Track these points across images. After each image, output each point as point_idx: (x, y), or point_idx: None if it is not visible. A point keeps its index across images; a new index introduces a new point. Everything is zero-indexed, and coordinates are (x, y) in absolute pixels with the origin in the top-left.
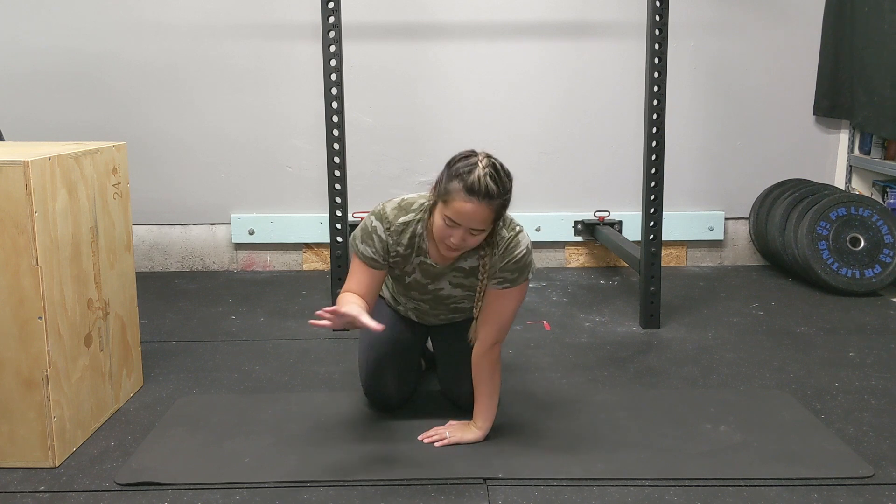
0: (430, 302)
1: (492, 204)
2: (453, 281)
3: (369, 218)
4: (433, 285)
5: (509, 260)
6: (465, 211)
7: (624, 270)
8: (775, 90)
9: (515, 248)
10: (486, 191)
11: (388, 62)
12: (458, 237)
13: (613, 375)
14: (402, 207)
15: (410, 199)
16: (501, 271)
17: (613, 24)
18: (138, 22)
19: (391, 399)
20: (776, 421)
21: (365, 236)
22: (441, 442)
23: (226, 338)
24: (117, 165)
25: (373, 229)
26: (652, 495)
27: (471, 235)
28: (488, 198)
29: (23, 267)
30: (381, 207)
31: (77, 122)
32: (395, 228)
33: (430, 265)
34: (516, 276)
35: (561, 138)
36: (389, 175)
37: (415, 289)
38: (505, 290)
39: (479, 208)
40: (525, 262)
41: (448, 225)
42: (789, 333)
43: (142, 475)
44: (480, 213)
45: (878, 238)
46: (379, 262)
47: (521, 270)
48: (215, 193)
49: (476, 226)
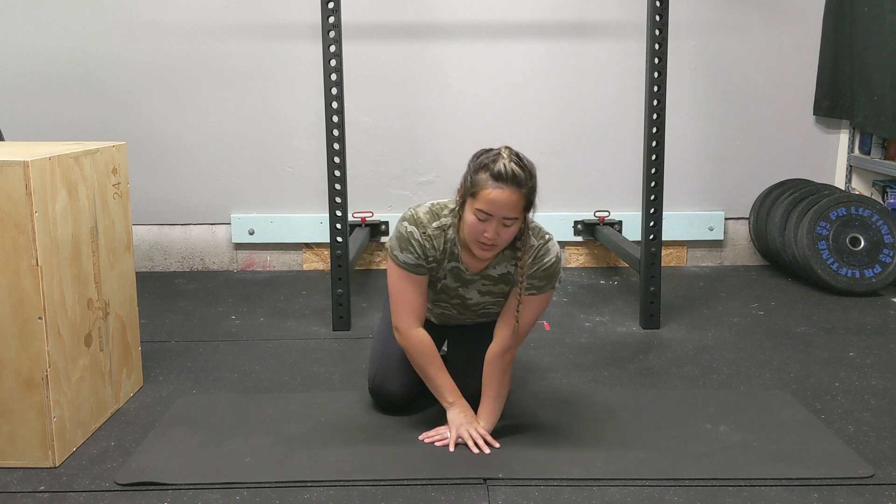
0: (457, 307)
1: (521, 189)
2: (482, 289)
3: (402, 224)
4: (463, 290)
5: (538, 267)
6: (496, 198)
7: (624, 270)
8: (775, 90)
9: (545, 255)
10: (514, 175)
11: (388, 62)
12: (491, 230)
13: (613, 375)
14: (435, 212)
15: (441, 204)
16: (529, 278)
17: (613, 24)
18: (138, 22)
19: (395, 398)
20: (776, 421)
21: (404, 244)
22: (441, 442)
23: (226, 338)
24: (117, 165)
25: (409, 234)
26: (652, 495)
27: (504, 227)
28: (516, 183)
29: (23, 267)
30: (412, 212)
31: (77, 122)
32: (431, 233)
33: (462, 270)
34: (543, 284)
35: (561, 138)
36: (389, 175)
37: (444, 293)
38: (530, 296)
39: (508, 194)
40: (553, 270)
41: (480, 219)
42: (789, 333)
43: (142, 475)
44: (511, 199)
45: (878, 238)
46: (423, 267)
47: (548, 279)
48: (215, 193)
49: (508, 213)
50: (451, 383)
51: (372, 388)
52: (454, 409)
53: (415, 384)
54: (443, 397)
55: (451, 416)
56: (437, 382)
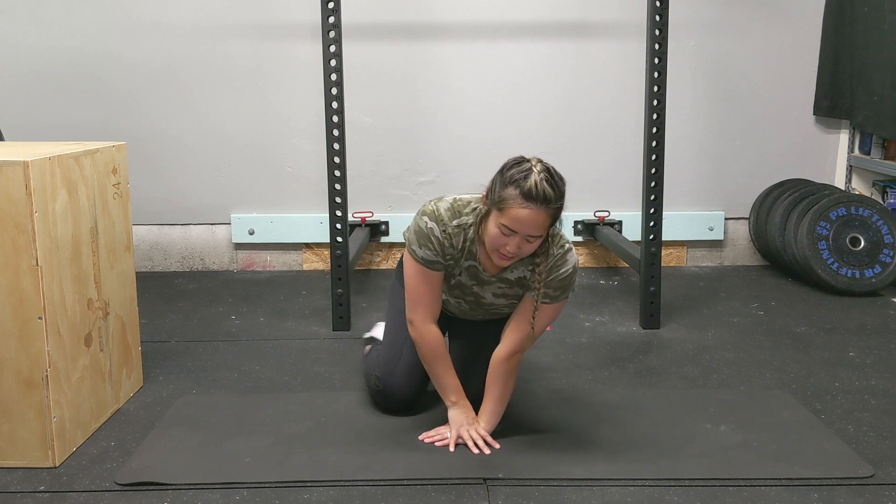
0: (470, 304)
1: (549, 209)
2: (497, 291)
3: (422, 219)
4: (478, 289)
5: (555, 277)
6: (523, 217)
7: (624, 270)
8: (775, 90)
9: (562, 265)
10: (544, 195)
11: (388, 62)
12: (513, 245)
13: (613, 375)
14: (456, 209)
15: (463, 200)
16: (545, 286)
17: (613, 24)
18: (138, 22)
19: (398, 392)
20: (776, 421)
21: (423, 239)
22: (441, 442)
23: (226, 338)
24: (117, 165)
25: (430, 230)
26: (652, 495)
27: (527, 243)
28: (546, 203)
29: (23, 267)
30: (433, 207)
31: (77, 122)
32: (451, 231)
33: (479, 270)
34: (558, 294)
35: (561, 138)
36: (389, 175)
37: (458, 289)
38: (544, 304)
39: (536, 214)
40: (569, 280)
41: (504, 233)
42: (789, 333)
43: (142, 475)
44: (538, 219)
45: (878, 238)
46: (441, 264)
47: (563, 288)
48: (215, 193)
49: (533, 232)
50: (457, 383)
51: (376, 389)
52: (456, 409)
53: (420, 387)
54: (446, 396)
55: (452, 415)
56: (442, 381)
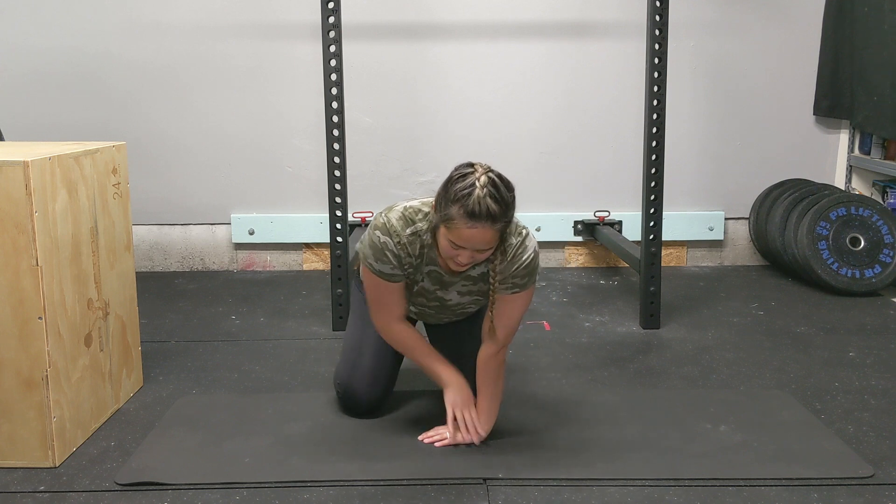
0: (435, 308)
1: (496, 224)
2: (462, 290)
3: (374, 234)
4: (441, 292)
5: (518, 266)
6: (469, 237)
7: (624, 270)
8: (775, 90)
9: (523, 253)
10: (488, 212)
11: (388, 62)
12: (465, 257)
13: (613, 375)
14: (408, 217)
15: (414, 207)
16: (511, 277)
17: (613, 24)
18: (138, 22)
19: (361, 397)
20: (776, 421)
21: (378, 254)
22: (441, 442)
23: (226, 338)
24: (117, 165)
25: (384, 245)
26: (652, 495)
27: (479, 253)
28: (491, 220)
29: (23, 267)
30: (384, 220)
31: (77, 122)
32: (405, 241)
33: (441, 273)
34: (525, 281)
35: (561, 138)
36: (389, 175)
37: (422, 295)
38: (514, 294)
39: (483, 232)
40: (533, 265)
41: (454, 248)
42: (789, 333)
43: (142, 475)
44: (485, 236)
45: (878, 238)
46: (400, 275)
47: (529, 275)
48: (215, 193)
49: (482, 247)
50: (443, 362)
51: (339, 394)
52: (450, 390)
53: (384, 391)
54: (438, 378)
55: (448, 396)
56: (428, 367)
